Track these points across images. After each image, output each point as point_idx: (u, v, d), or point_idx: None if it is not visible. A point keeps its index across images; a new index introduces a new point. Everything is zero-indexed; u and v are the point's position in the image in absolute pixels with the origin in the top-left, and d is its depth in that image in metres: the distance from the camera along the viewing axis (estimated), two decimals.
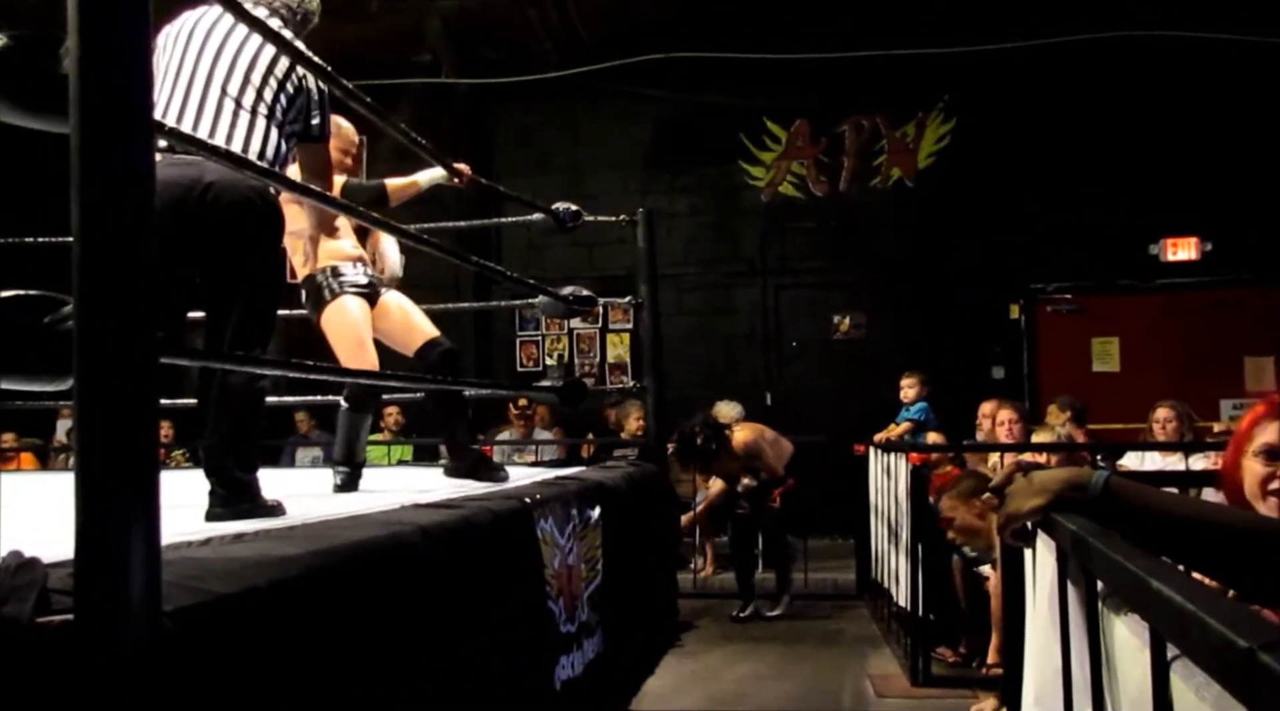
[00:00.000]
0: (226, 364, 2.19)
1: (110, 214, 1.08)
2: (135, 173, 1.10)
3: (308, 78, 2.53)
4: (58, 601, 1.04)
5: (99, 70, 1.08)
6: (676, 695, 3.94)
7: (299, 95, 2.54)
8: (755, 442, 5.61)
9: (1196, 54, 7.31)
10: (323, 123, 2.64)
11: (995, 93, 7.79)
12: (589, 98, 8.24)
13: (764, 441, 5.63)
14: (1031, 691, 1.51)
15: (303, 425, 7.91)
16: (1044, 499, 1.25)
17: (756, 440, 5.62)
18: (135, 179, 1.10)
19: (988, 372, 7.75)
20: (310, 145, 2.65)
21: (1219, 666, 0.67)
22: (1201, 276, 7.59)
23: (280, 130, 2.50)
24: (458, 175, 3.51)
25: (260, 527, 1.93)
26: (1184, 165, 7.46)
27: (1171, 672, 0.89)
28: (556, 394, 3.60)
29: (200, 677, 1.13)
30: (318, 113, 2.61)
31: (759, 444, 5.61)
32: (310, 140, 2.63)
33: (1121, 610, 1.09)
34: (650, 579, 4.26)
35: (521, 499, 2.51)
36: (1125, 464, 5.14)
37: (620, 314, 8.29)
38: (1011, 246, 7.73)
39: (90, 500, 1.04)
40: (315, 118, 2.61)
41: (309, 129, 2.60)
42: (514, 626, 2.27)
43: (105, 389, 1.05)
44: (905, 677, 4.16)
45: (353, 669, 1.50)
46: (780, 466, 5.63)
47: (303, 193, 2.28)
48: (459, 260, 3.56)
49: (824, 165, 8.21)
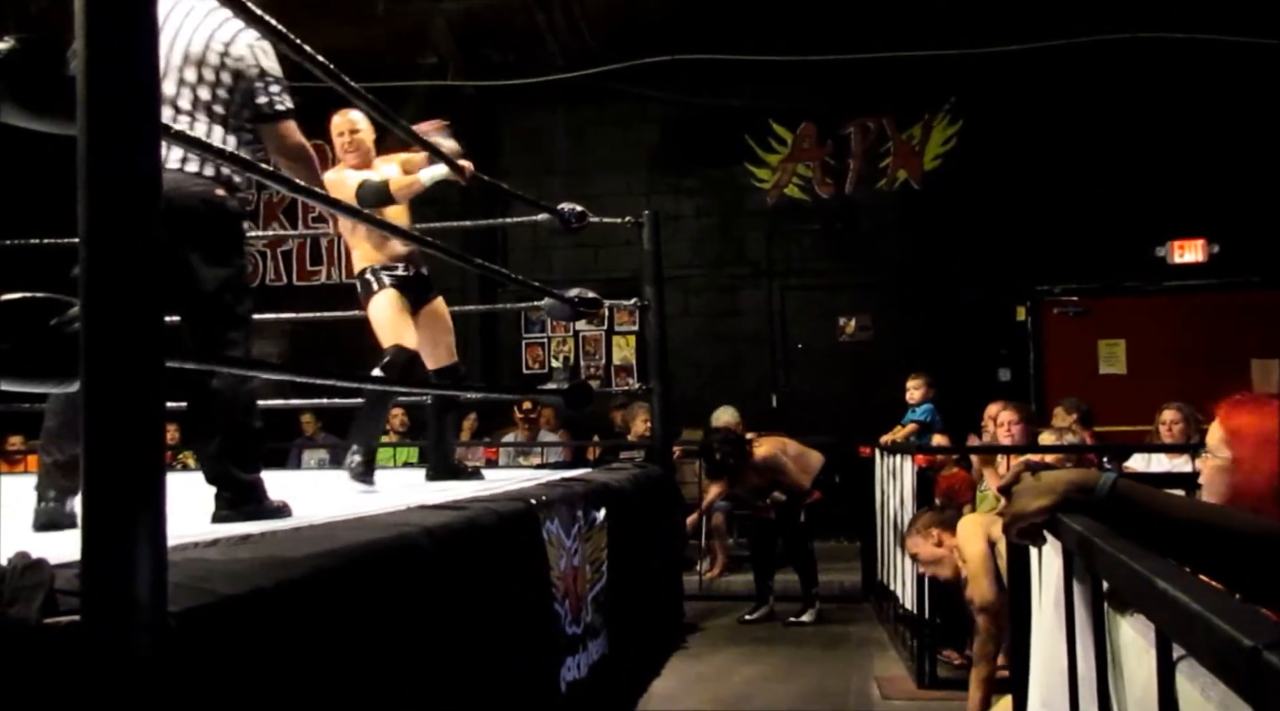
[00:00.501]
0: (233, 368, 2.20)
1: (117, 216, 1.08)
2: (142, 175, 1.11)
3: (244, 59, 2.38)
4: (64, 602, 1.04)
5: (105, 73, 1.09)
6: (682, 697, 3.94)
7: (239, 82, 2.38)
8: (775, 457, 5.58)
9: (1203, 56, 7.30)
10: (273, 99, 2.45)
11: (1001, 95, 7.78)
12: (595, 99, 8.25)
13: (785, 456, 5.60)
14: (1038, 691, 1.51)
15: (308, 428, 7.92)
16: (1050, 499, 1.26)
17: (776, 455, 5.59)
18: (142, 181, 1.11)
19: (994, 375, 7.75)
20: (271, 126, 2.47)
21: (1224, 666, 0.67)
22: (1208, 279, 7.57)
23: (225, 125, 2.38)
24: (460, 172, 3.53)
25: (267, 529, 1.93)
26: (1190, 167, 7.45)
27: (1177, 672, 0.89)
28: (562, 396, 3.61)
29: (206, 679, 1.13)
30: (265, 91, 2.43)
31: (779, 459, 5.58)
32: (267, 120, 2.46)
33: (1127, 610, 1.09)
34: (656, 581, 4.26)
35: (527, 500, 2.51)
36: (1132, 465, 5.13)
37: (626, 316, 8.29)
38: (1018, 248, 7.72)
39: (96, 502, 1.04)
40: (263, 97, 2.43)
41: (259, 111, 2.43)
42: (519, 628, 2.27)
43: (111, 391, 1.06)
44: (911, 680, 4.16)
45: (358, 670, 1.50)
46: (807, 479, 5.60)
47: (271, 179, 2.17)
48: (464, 263, 3.56)
49: (830, 167, 8.21)
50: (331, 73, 2.20)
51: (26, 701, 0.98)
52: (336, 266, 8.84)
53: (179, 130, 2.07)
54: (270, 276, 8.94)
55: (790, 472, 5.58)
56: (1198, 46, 7.28)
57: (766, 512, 5.70)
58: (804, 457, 5.67)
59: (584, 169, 8.39)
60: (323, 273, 8.87)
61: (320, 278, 8.87)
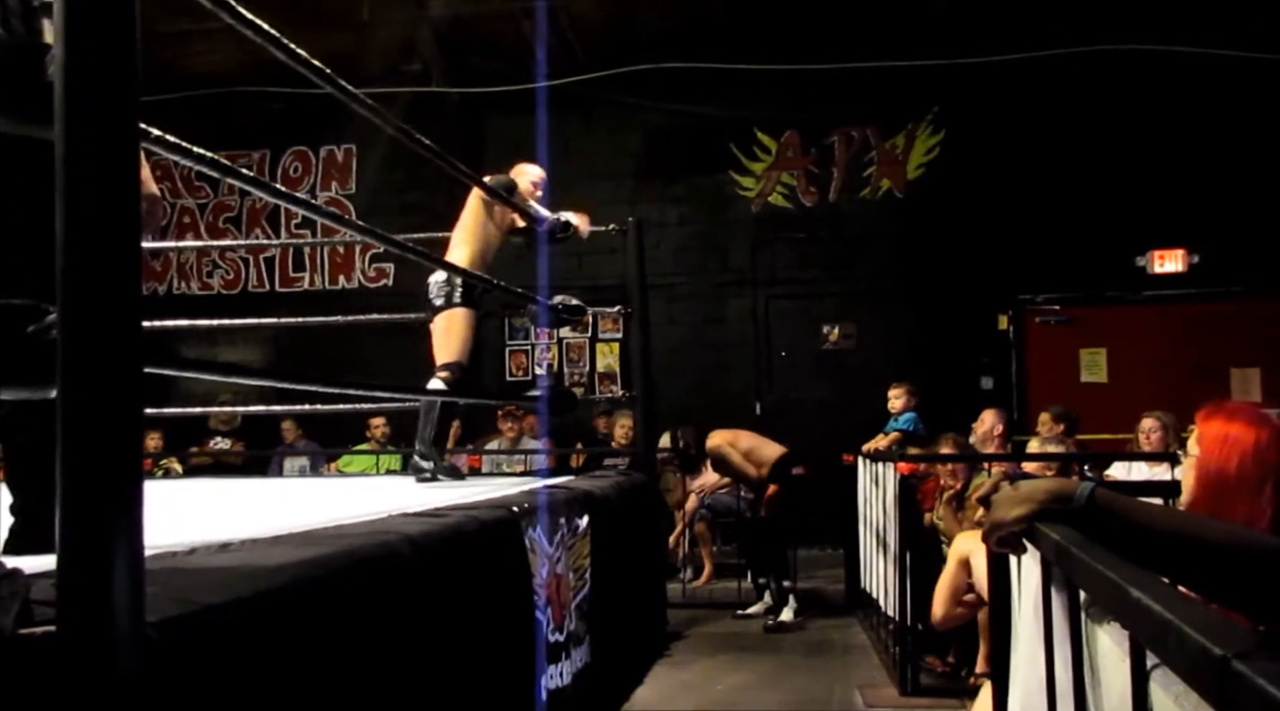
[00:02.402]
0: (215, 374, 2.19)
1: (95, 222, 1.08)
2: (121, 180, 1.10)
3: None
4: (40, 612, 1.03)
5: (84, 77, 1.08)
6: (665, 704, 3.93)
7: None
8: (719, 448, 5.73)
9: (1183, 67, 7.37)
10: None
11: (984, 105, 7.83)
12: (580, 107, 8.26)
13: (731, 448, 5.71)
14: (1018, 700, 1.51)
15: (289, 435, 7.89)
16: (1028, 508, 1.26)
17: (720, 446, 5.72)
18: (121, 186, 1.10)
19: (976, 383, 7.78)
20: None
21: (1195, 674, 0.67)
22: (1188, 288, 7.63)
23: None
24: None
25: (247, 537, 1.92)
26: (1171, 177, 7.51)
27: (1151, 681, 0.89)
28: (546, 403, 3.61)
29: (185, 689, 1.12)
30: None
31: (722, 449, 5.71)
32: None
33: (1104, 619, 1.10)
34: (639, 588, 4.26)
35: (510, 508, 2.50)
36: (1113, 474, 5.16)
37: (610, 323, 8.29)
38: (1000, 257, 7.76)
39: (73, 510, 1.03)
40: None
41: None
42: (501, 635, 2.27)
43: (89, 398, 1.05)
44: (894, 687, 4.16)
45: (339, 678, 1.49)
46: (755, 471, 5.68)
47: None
48: (447, 269, 3.56)
49: (814, 176, 8.24)
50: (329, 78, 2.20)
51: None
52: (319, 273, 8.82)
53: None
54: (253, 283, 8.92)
55: (734, 463, 5.69)
56: (1179, 58, 7.35)
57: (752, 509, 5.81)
58: (756, 451, 5.73)
59: (569, 177, 8.37)
60: (305, 279, 8.85)
61: (303, 284, 8.84)
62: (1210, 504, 1.56)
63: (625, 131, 8.40)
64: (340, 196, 8.75)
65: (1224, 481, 1.56)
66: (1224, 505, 1.53)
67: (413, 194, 8.35)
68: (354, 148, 8.77)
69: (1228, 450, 1.57)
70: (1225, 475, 1.56)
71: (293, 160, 8.88)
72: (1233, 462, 1.56)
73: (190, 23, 7.05)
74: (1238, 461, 1.55)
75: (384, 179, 8.58)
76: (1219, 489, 1.56)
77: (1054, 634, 1.27)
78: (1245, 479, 1.54)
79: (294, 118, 8.47)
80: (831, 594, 6.11)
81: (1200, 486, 1.60)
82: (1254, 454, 1.55)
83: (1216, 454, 1.58)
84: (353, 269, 8.78)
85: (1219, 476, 1.57)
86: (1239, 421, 1.59)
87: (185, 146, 2.19)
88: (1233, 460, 1.56)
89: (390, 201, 8.45)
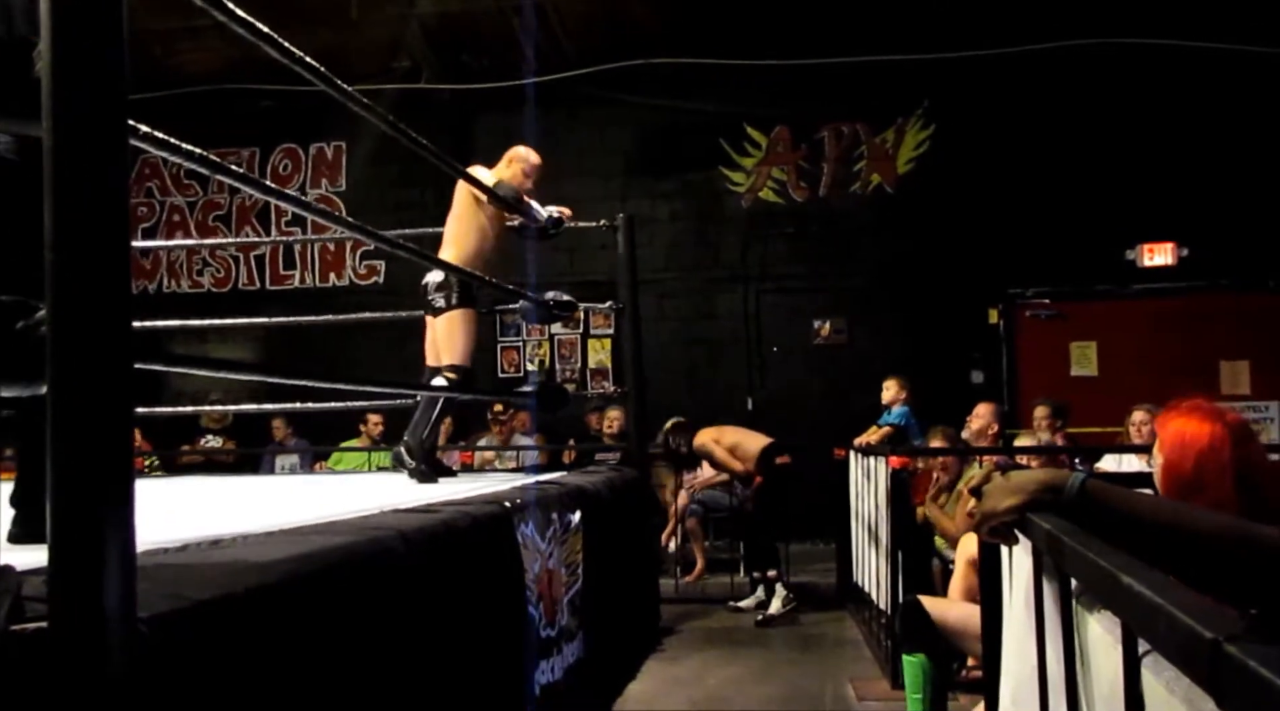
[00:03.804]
0: (205, 370, 2.18)
1: (84, 219, 1.07)
2: (109, 177, 1.10)
3: None
4: (32, 609, 1.03)
5: (72, 74, 1.08)
6: (658, 699, 3.94)
7: None
8: (704, 445, 5.84)
9: (1173, 61, 7.39)
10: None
11: (974, 99, 7.85)
12: (570, 104, 8.25)
13: (715, 444, 5.80)
14: (1009, 689, 1.52)
15: (279, 433, 7.88)
16: (1020, 499, 1.27)
17: (705, 443, 5.83)
18: (109, 183, 1.10)
19: (967, 377, 7.80)
20: None
21: (1186, 658, 0.68)
22: (1178, 282, 7.66)
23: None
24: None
25: (239, 533, 1.92)
26: (1161, 171, 7.53)
27: (1142, 667, 0.90)
28: (537, 399, 3.61)
29: (177, 685, 1.12)
30: None
31: (707, 445, 5.82)
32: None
33: (1095, 607, 1.10)
34: (632, 583, 4.26)
35: (501, 504, 2.50)
36: (1103, 466, 5.18)
37: (601, 319, 8.29)
38: (990, 252, 7.78)
39: (64, 506, 1.03)
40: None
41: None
42: (493, 630, 2.27)
43: (79, 395, 1.05)
44: (886, 680, 4.17)
45: (331, 673, 1.49)
46: (740, 465, 5.75)
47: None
48: (438, 266, 3.56)
49: (804, 171, 8.25)
50: (322, 75, 2.19)
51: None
52: (310, 271, 8.80)
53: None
54: (243, 281, 8.89)
55: (718, 457, 5.80)
56: (1168, 52, 7.37)
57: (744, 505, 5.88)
58: (741, 445, 5.79)
59: (559, 173, 8.36)
60: (295, 277, 8.82)
61: (293, 282, 8.82)
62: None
63: (615, 127, 8.39)
64: (330, 193, 8.73)
65: (1185, 480, 1.59)
66: (1190, 503, 1.54)
67: (403, 191, 8.34)
68: (344, 145, 8.75)
69: (1185, 450, 1.61)
70: (1185, 474, 1.60)
71: (282, 157, 8.85)
72: (1190, 461, 1.59)
73: (179, 20, 7.02)
74: (1195, 460, 1.59)
75: (374, 176, 8.56)
76: (1182, 488, 1.59)
77: (1045, 623, 1.28)
78: (1204, 475, 1.58)
79: (284, 115, 8.45)
80: (823, 588, 6.12)
81: (1166, 487, 1.63)
82: (1209, 450, 1.59)
83: (1176, 454, 1.62)
84: (343, 266, 8.77)
85: (1180, 476, 1.60)
86: (1194, 419, 1.63)
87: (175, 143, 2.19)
88: (1190, 459, 1.59)
89: (380, 198, 8.44)
